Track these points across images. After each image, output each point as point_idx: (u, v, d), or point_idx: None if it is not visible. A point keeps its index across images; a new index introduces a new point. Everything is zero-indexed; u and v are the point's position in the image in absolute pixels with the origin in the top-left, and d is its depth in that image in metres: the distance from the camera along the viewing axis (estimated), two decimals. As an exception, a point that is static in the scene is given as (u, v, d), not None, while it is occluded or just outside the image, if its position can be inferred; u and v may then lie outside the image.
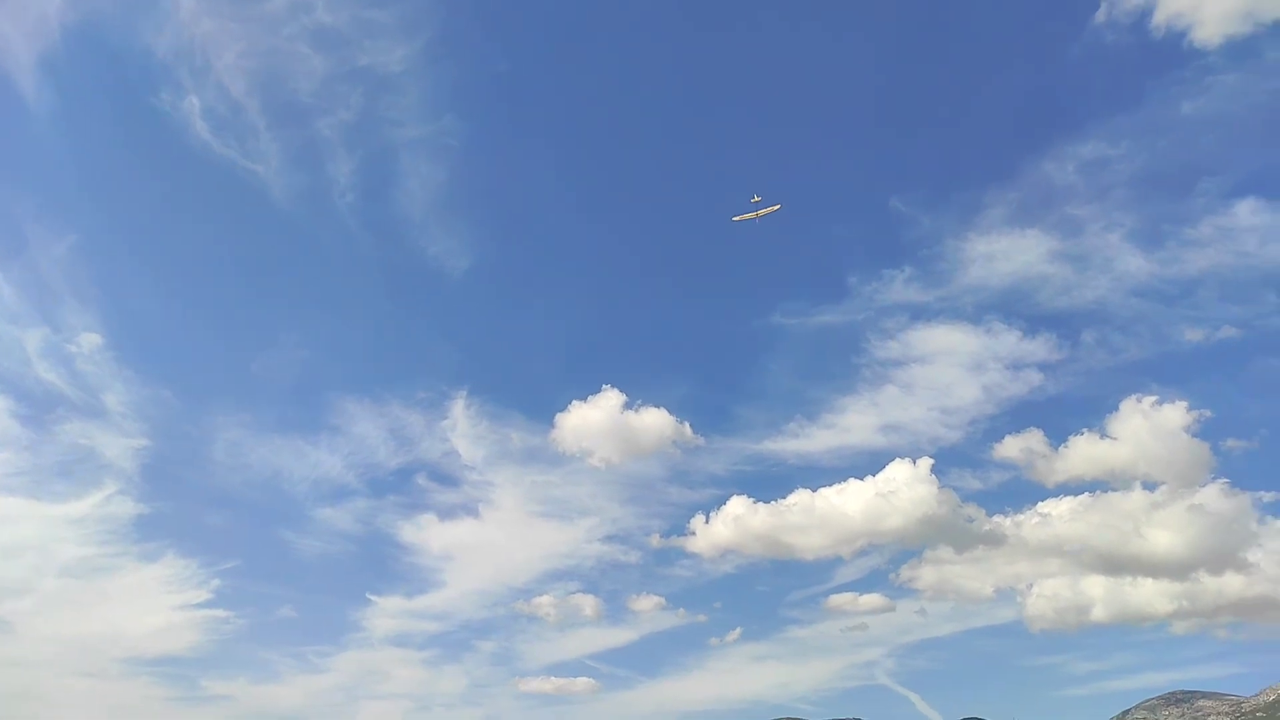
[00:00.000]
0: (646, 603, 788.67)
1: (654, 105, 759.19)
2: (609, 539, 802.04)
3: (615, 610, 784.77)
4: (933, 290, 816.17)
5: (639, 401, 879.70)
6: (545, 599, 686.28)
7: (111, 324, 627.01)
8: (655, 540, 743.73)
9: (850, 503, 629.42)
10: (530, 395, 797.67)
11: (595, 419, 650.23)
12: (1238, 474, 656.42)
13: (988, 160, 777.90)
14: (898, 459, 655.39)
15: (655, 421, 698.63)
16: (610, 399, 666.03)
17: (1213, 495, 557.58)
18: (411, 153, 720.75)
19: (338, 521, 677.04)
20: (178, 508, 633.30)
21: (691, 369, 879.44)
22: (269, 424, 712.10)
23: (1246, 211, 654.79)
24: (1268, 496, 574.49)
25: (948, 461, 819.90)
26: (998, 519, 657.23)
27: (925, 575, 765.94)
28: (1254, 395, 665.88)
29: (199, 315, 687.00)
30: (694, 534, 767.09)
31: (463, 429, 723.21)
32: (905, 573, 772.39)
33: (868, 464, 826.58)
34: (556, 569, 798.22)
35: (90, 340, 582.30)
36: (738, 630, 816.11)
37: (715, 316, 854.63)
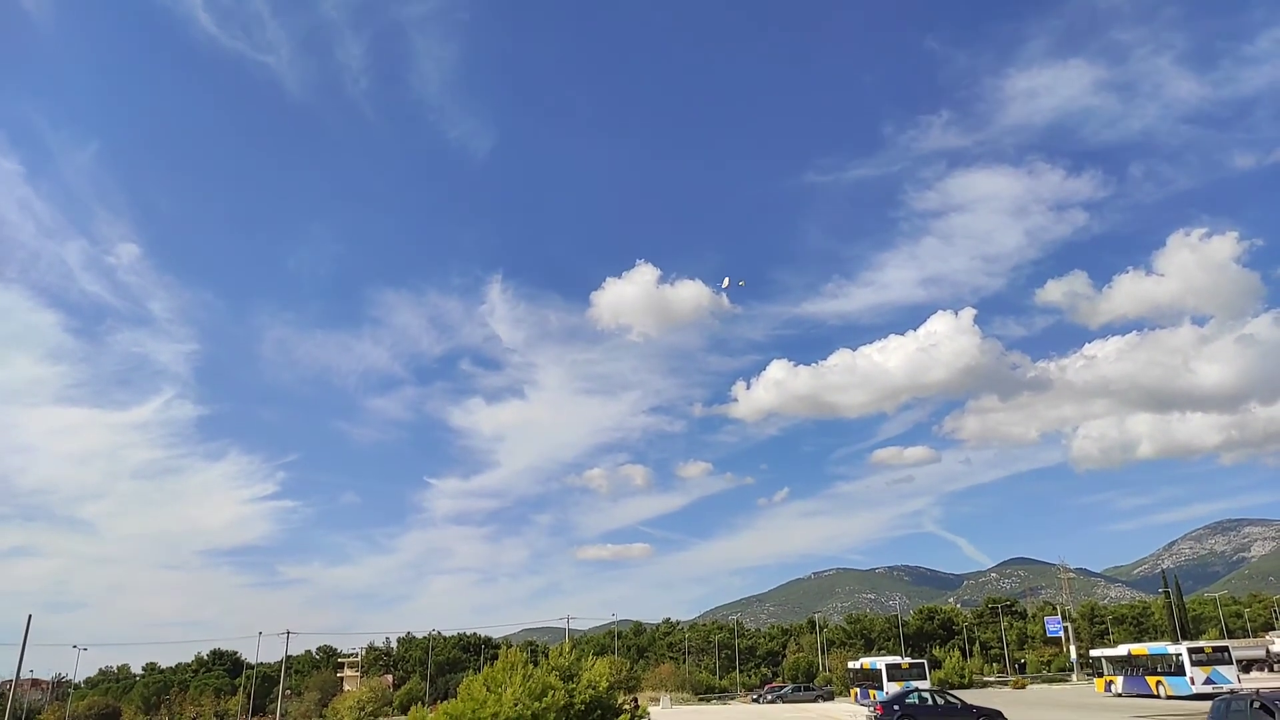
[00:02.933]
0: (694, 469, 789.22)
1: None
2: (654, 410, 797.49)
3: (664, 478, 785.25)
4: (971, 134, 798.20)
5: (674, 274, 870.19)
6: (596, 471, 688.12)
7: (146, 232, 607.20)
8: (699, 409, 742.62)
9: (891, 359, 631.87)
10: (565, 274, 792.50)
11: (631, 294, 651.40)
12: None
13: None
14: (939, 311, 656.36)
15: (691, 293, 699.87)
16: (644, 274, 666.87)
17: (1264, 325, 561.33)
18: (421, 30, 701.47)
19: (389, 410, 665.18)
20: (235, 407, 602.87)
21: (724, 236, 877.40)
22: (312, 319, 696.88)
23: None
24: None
25: (991, 310, 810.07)
26: (1042, 364, 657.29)
27: (969, 425, 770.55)
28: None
29: (229, 216, 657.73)
30: (736, 400, 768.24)
31: (501, 312, 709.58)
32: (949, 424, 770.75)
33: (908, 319, 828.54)
34: (605, 442, 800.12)
35: (128, 251, 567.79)
36: (785, 490, 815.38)
37: (745, 179, 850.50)
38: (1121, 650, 61.90)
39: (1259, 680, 63.65)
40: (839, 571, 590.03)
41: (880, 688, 62.88)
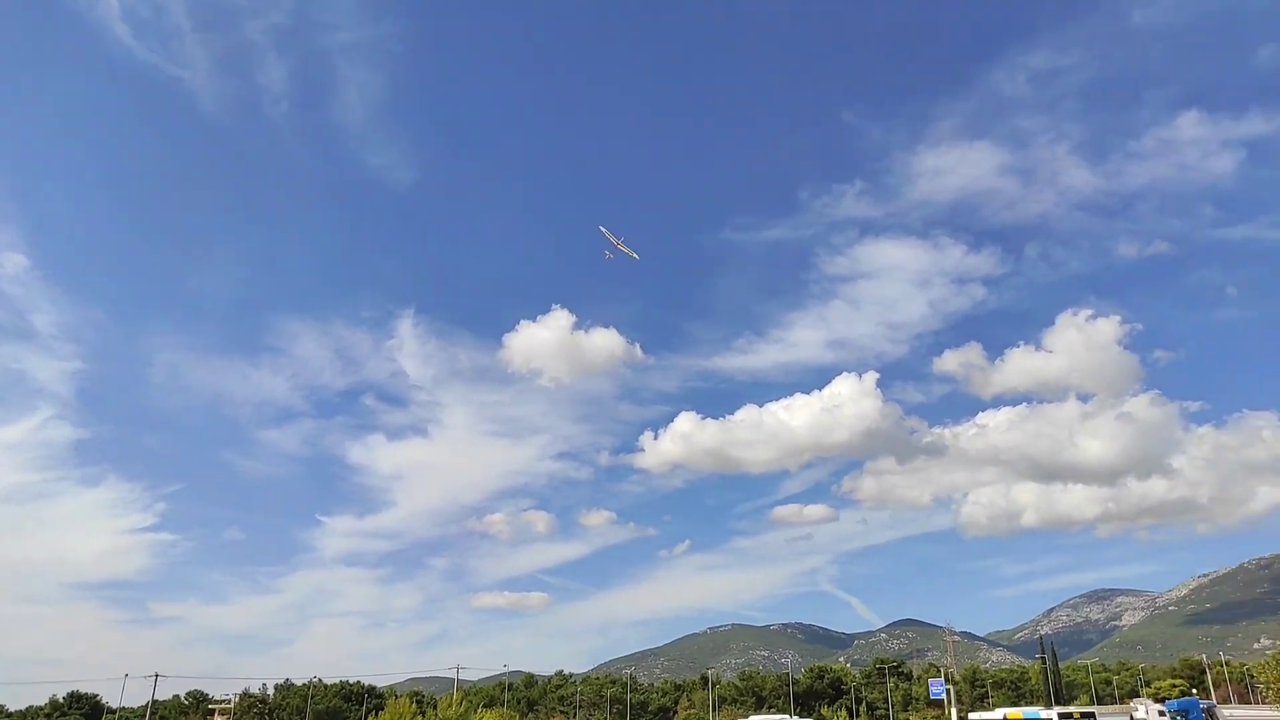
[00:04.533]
0: (598, 518, 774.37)
1: (606, 12, 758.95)
2: (561, 456, 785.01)
3: (567, 526, 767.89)
4: (882, 205, 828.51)
5: (589, 321, 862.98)
6: (497, 516, 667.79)
7: (36, 242, 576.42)
8: (605, 457, 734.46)
9: (797, 417, 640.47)
10: (479, 314, 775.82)
11: (545, 338, 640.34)
12: (1166, 384, 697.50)
13: (939, 71, 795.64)
14: (844, 373, 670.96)
15: (605, 341, 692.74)
16: (560, 319, 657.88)
17: (1141, 405, 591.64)
18: (349, 59, 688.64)
19: (283, 443, 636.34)
20: (117, 431, 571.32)
21: (642, 286, 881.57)
22: (208, 345, 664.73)
23: (1189, 124, 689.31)
24: (1193, 406, 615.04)
25: (892, 375, 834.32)
26: (937, 430, 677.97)
27: (867, 486, 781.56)
28: (1183, 307, 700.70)
29: (129, 231, 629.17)
30: (643, 450, 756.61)
31: (410, 348, 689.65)
32: (848, 484, 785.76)
33: (815, 379, 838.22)
34: (508, 486, 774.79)
35: (15, 261, 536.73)
36: (687, 542, 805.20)
37: (666, 232, 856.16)
38: (998, 714, 64.19)
39: (1122, 746, 66.81)
40: (735, 627, 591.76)
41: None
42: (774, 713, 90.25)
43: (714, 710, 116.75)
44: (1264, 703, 56.77)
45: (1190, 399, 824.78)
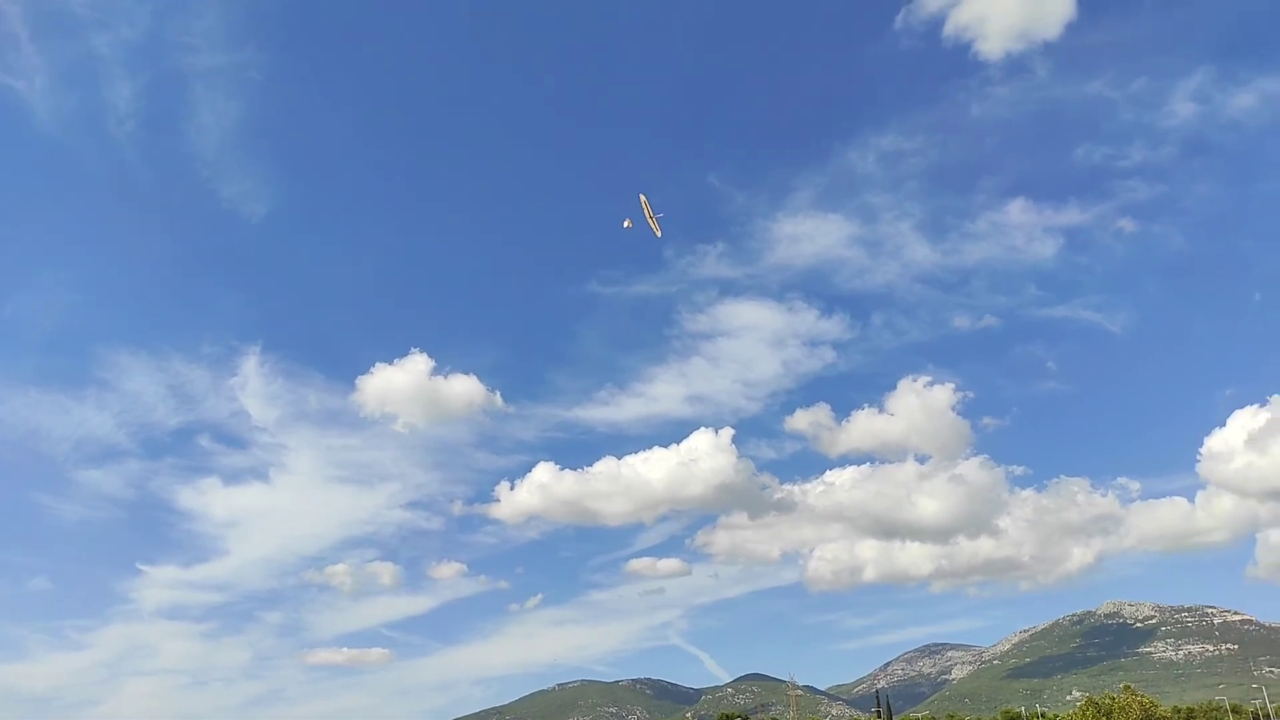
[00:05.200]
0: (448, 570, 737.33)
1: (476, 61, 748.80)
2: (411, 505, 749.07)
3: (414, 578, 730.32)
4: (742, 266, 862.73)
5: (448, 368, 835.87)
6: (340, 567, 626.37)
7: None
8: (459, 507, 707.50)
9: (654, 470, 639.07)
10: (331, 355, 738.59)
11: (401, 383, 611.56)
12: (993, 449, 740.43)
13: (799, 145, 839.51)
14: (701, 428, 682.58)
15: (465, 388, 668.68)
16: (418, 363, 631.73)
17: (972, 467, 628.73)
18: (206, 82, 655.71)
19: (104, 485, 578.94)
20: None
21: (504, 334, 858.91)
22: (24, 375, 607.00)
23: (1017, 210, 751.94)
24: (1017, 470, 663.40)
25: (747, 432, 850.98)
26: (788, 487, 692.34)
27: (719, 540, 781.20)
28: (1009, 378, 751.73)
29: None
30: (499, 500, 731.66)
31: (254, 387, 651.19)
32: (701, 538, 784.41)
33: (673, 432, 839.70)
34: (353, 536, 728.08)
35: None
36: (539, 596, 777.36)
37: (531, 281, 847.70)
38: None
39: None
40: (583, 683, 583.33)
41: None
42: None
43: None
44: (1072, 752, 61.15)
45: (1015, 464, 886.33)
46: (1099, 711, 47.69)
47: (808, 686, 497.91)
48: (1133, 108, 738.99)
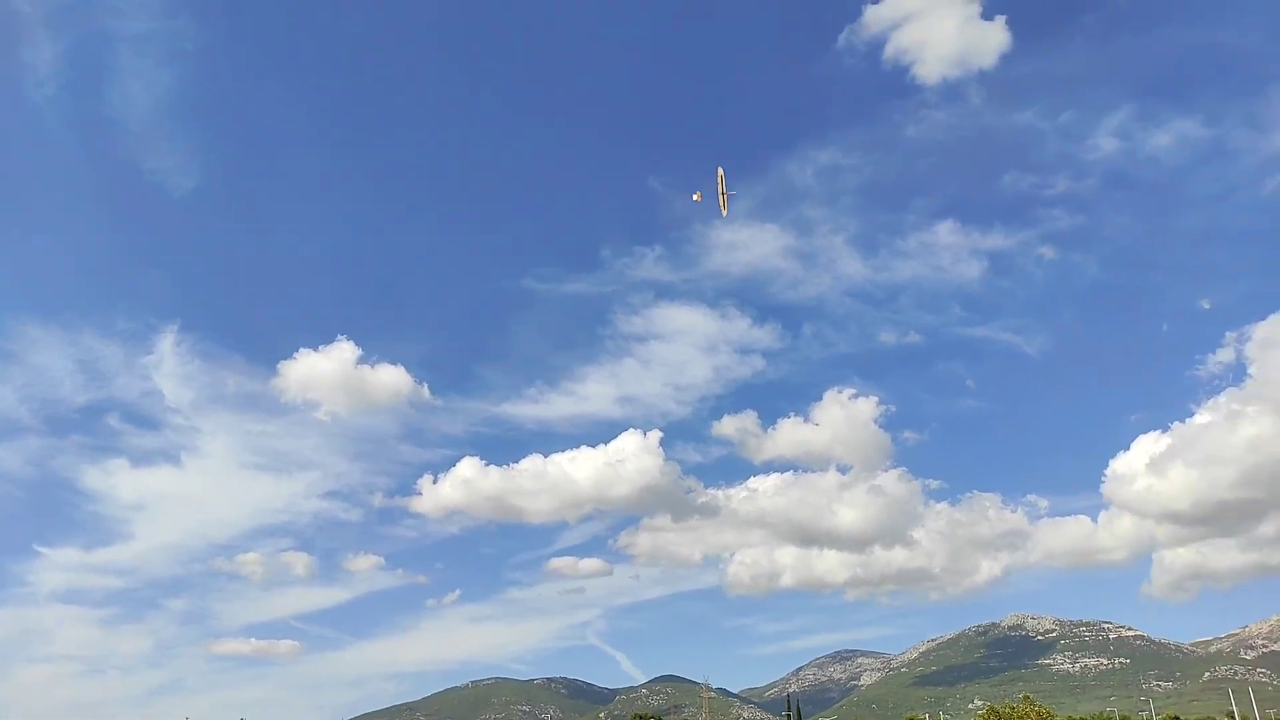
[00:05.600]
0: (364, 562, 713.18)
1: (420, 48, 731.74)
2: (330, 495, 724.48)
3: (329, 569, 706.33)
4: (679, 271, 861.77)
5: (375, 357, 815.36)
6: (251, 556, 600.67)
7: None
8: (380, 499, 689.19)
9: (581, 469, 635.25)
10: (253, 337, 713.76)
11: (325, 370, 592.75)
12: (912, 462, 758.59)
13: (740, 155, 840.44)
14: (630, 429, 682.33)
15: (391, 379, 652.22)
16: (344, 350, 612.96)
17: (890, 479, 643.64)
18: (135, 49, 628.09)
19: (3, 462, 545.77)
20: None
21: (435, 326, 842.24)
22: None
23: (945, 231, 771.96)
24: (933, 483, 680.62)
25: (674, 435, 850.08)
26: (712, 491, 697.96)
27: (642, 541, 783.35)
28: (930, 394, 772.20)
29: None
30: (421, 494, 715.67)
31: (169, 367, 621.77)
32: (624, 539, 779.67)
33: (602, 433, 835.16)
34: (267, 524, 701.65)
35: None
36: (457, 592, 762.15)
37: (466, 274, 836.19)
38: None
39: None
40: (498, 681, 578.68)
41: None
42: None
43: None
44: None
45: (931, 477, 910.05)
46: (999, 719, 49.79)
47: (721, 689, 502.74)
48: (1059, 139, 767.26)
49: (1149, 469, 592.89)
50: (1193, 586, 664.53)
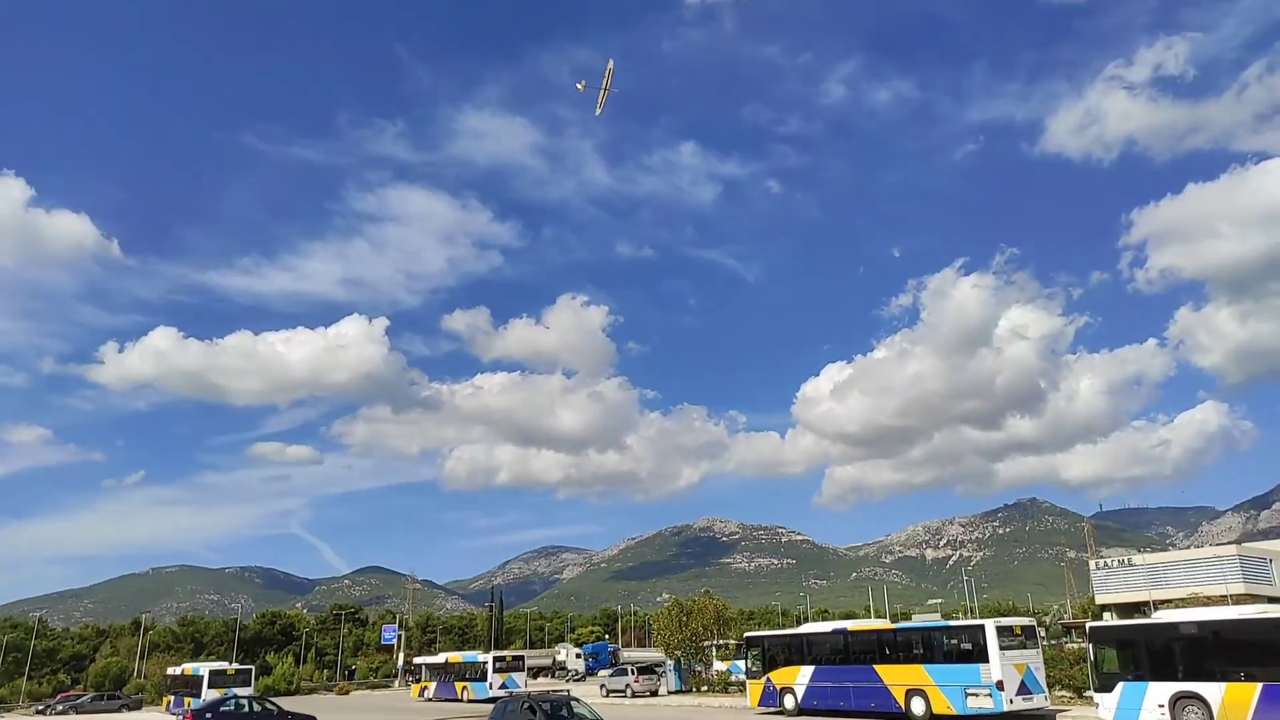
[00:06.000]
0: (27, 434, 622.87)
1: None
2: None
3: None
4: (420, 152, 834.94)
5: (53, 199, 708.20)
6: None
7: None
8: (50, 364, 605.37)
9: (296, 351, 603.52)
10: None
11: None
12: (633, 372, 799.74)
13: (495, 35, 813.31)
14: (355, 315, 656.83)
15: (72, 228, 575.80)
16: (10, 188, 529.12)
17: (611, 387, 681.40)
18: None
19: None
20: None
21: (131, 172, 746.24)
22: None
23: (688, 153, 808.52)
24: (650, 393, 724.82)
25: (402, 325, 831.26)
26: (436, 385, 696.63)
27: (358, 431, 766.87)
28: (656, 309, 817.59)
29: None
30: (103, 363, 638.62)
31: None
32: (338, 427, 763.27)
33: (322, 314, 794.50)
34: None
35: None
36: (141, 473, 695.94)
37: (172, 114, 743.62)
38: (440, 658, 68.02)
39: (543, 684, 75.26)
40: (183, 569, 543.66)
41: (199, 695, 59.20)
42: (214, 660, 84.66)
43: (143, 658, 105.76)
44: (654, 646, 69.46)
45: (647, 388, 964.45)
46: (682, 611, 54.72)
47: (427, 581, 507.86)
48: (797, 79, 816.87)
49: (832, 394, 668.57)
50: (852, 499, 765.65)
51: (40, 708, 74.13)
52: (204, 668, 63.26)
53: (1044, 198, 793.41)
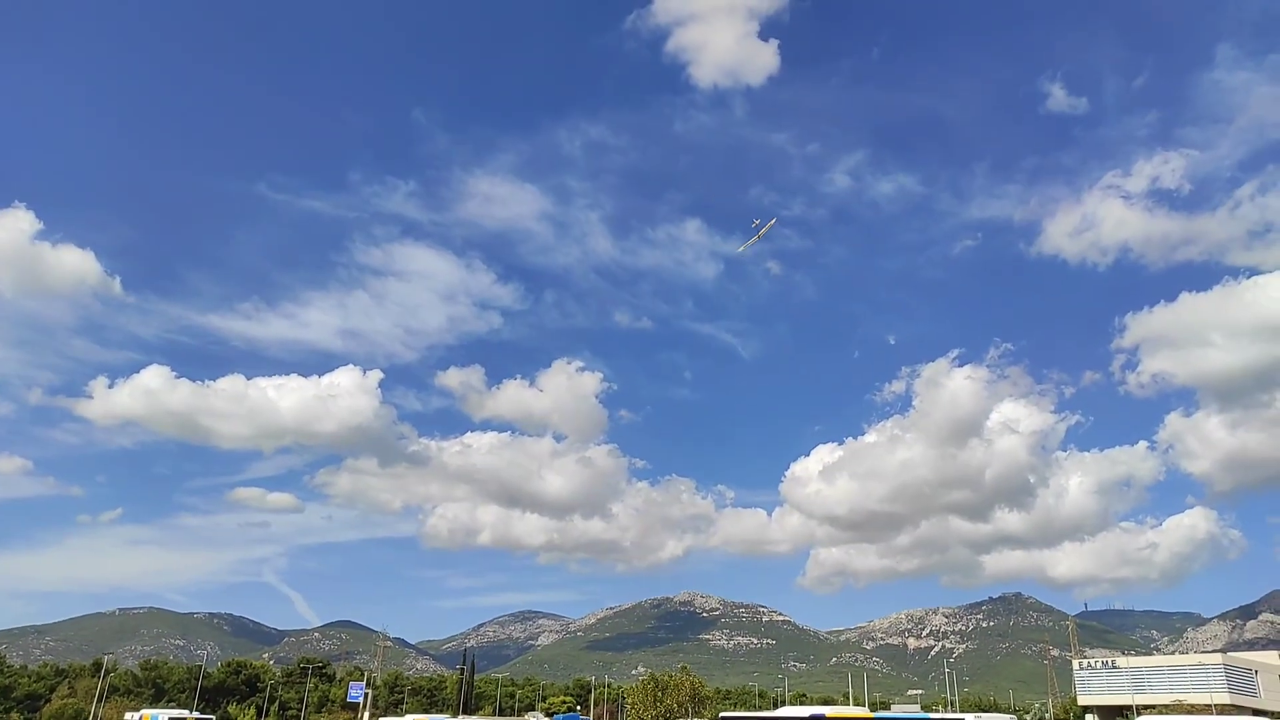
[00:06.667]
0: (7, 464, 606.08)
1: None
2: None
3: None
4: (430, 212, 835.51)
5: (61, 234, 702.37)
6: None
7: None
8: (38, 395, 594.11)
9: (287, 398, 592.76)
10: None
11: None
12: (624, 439, 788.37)
13: (513, 107, 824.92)
14: (349, 365, 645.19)
15: (76, 263, 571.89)
16: (19, 220, 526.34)
17: (601, 454, 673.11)
18: None
19: None
20: None
21: (139, 214, 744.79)
22: None
23: (692, 230, 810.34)
24: (639, 462, 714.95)
25: (396, 379, 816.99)
26: (425, 441, 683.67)
27: (342, 482, 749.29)
28: (651, 378, 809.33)
29: None
30: (91, 397, 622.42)
31: None
32: (323, 477, 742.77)
33: (317, 364, 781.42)
34: None
35: None
36: (119, 510, 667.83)
37: (187, 160, 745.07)
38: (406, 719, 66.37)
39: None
40: (151, 611, 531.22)
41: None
42: (174, 707, 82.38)
43: (100, 701, 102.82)
44: (627, 719, 67.84)
45: (637, 456, 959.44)
46: (657, 686, 53.60)
47: (399, 639, 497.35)
48: (803, 167, 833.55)
49: (821, 475, 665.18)
50: (836, 582, 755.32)
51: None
52: (163, 715, 61.70)
53: (1039, 296, 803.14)
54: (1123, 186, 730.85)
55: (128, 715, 70.72)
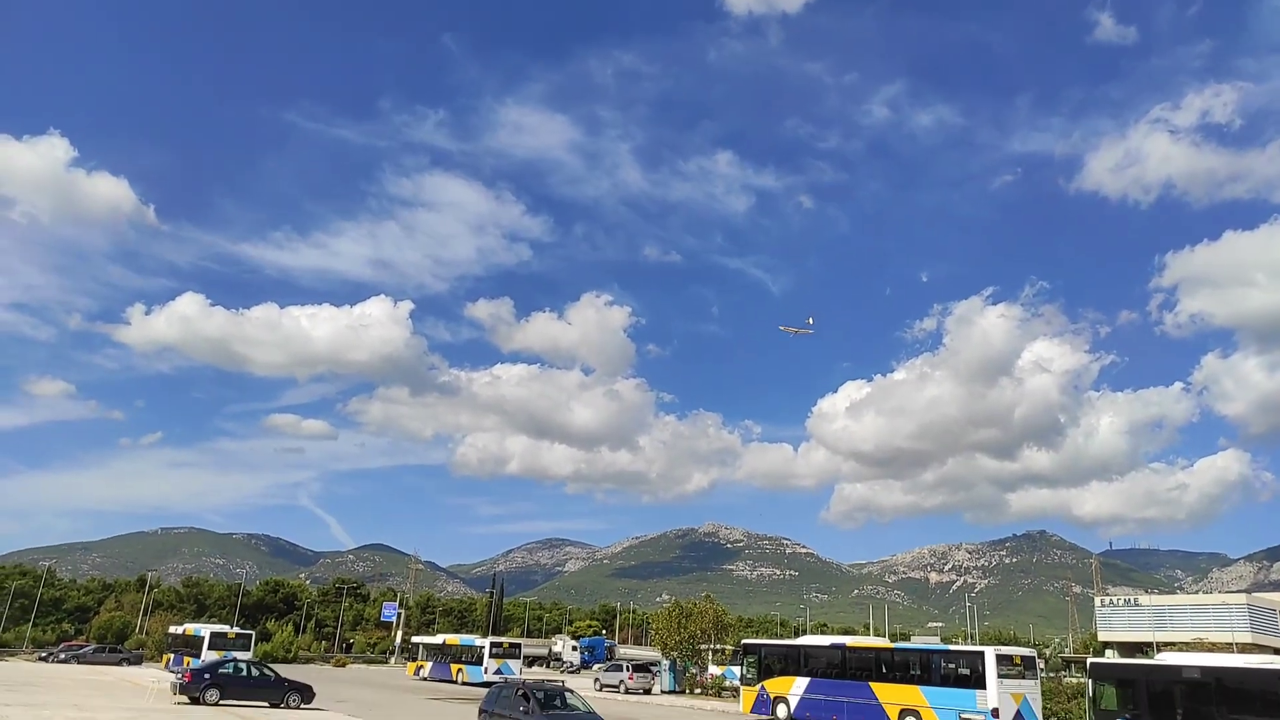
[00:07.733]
0: (51, 387, 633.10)
1: None
2: (15, 307, 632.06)
3: (4, 389, 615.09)
4: (459, 141, 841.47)
5: (95, 162, 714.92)
6: None
7: None
8: (78, 320, 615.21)
9: (320, 328, 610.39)
10: None
11: (27, 165, 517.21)
12: (651, 373, 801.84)
13: (543, 33, 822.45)
14: (380, 295, 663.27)
15: (111, 191, 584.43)
16: (55, 147, 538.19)
17: (629, 387, 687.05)
18: None
19: None
20: None
21: (173, 141, 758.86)
22: None
23: (724, 162, 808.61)
24: (666, 396, 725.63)
25: (426, 309, 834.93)
26: (455, 371, 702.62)
27: (374, 410, 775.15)
28: (679, 312, 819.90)
29: None
30: (130, 324, 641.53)
31: None
32: (355, 405, 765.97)
33: (349, 293, 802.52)
34: None
35: None
36: (159, 434, 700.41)
37: (218, 87, 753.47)
38: (438, 639, 68.42)
39: (538, 674, 75.51)
40: (191, 531, 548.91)
41: (199, 655, 59.90)
42: (215, 623, 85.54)
43: (146, 615, 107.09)
44: (651, 645, 69.65)
45: (665, 390, 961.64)
46: (681, 613, 54.92)
47: (430, 562, 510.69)
48: (839, 97, 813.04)
49: (848, 412, 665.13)
50: (860, 517, 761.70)
51: (44, 655, 75.24)
52: (205, 629, 63.98)
53: (1077, 234, 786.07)
54: (1170, 120, 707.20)
55: (172, 628, 73.55)
